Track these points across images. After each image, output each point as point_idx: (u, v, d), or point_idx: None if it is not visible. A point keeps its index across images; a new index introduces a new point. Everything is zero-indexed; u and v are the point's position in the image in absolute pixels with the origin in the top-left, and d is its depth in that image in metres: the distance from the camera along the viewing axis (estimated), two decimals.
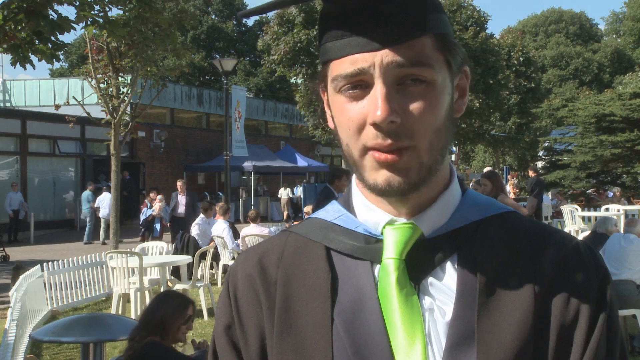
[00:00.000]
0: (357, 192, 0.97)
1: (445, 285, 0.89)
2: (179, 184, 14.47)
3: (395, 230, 0.91)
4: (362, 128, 0.85)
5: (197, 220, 11.01)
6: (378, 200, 0.92)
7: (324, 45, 0.88)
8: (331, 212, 0.99)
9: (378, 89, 0.83)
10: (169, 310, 3.73)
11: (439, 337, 0.86)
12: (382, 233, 0.92)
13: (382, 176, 0.85)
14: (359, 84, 0.85)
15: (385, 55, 0.82)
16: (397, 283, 0.88)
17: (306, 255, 0.95)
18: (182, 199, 14.05)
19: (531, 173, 14.96)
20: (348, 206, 0.98)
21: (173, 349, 3.73)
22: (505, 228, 0.93)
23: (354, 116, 0.85)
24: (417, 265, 0.90)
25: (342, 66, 0.85)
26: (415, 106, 0.83)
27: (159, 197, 13.86)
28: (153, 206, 14.16)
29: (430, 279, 0.90)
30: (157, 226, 15.81)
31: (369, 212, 0.94)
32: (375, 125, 0.83)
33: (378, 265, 0.91)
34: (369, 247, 0.92)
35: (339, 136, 0.89)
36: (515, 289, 0.87)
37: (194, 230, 10.75)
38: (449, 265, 0.90)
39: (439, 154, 0.87)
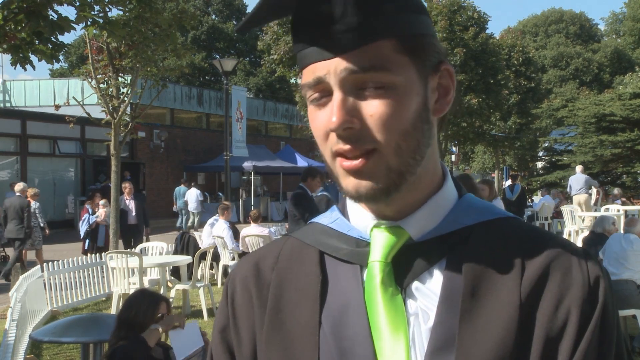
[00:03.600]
0: None
1: (430, 290, 0.88)
2: (125, 186, 12.37)
3: (382, 233, 0.91)
4: (328, 135, 0.86)
5: (212, 220, 11.00)
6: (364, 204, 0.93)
7: (297, 55, 0.90)
8: (329, 216, 1.00)
9: (335, 96, 0.84)
10: (141, 309, 3.76)
11: (423, 342, 0.85)
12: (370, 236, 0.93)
13: (350, 183, 0.86)
14: (323, 93, 0.86)
15: (338, 63, 0.83)
16: (382, 286, 0.88)
17: (300, 259, 0.96)
18: (130, 204, 12.28)
19: None
20: (344, 210, 0.99)
21: (144, 348, 3.71)
22: (499, 233, 0.91)
23: (320, 124, 0.87)
24: (404, 269, 0.90)
25: (306, 76, 0.87)
26: (374, 110, 0.83)
27: (102, 202, 12.85)
28: (96, 212, 12.15)
29: (417, 284, 0.89)
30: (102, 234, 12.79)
31: (359, 215, 0.95)
32: (332, 131, 0.84)
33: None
34: (359, 250, 0.93)
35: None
36: (500, 295, 0.85)
37: (207, 228, 10.77)
38: (436, 270, 0.89)
39: (411, 157, 0.86)
